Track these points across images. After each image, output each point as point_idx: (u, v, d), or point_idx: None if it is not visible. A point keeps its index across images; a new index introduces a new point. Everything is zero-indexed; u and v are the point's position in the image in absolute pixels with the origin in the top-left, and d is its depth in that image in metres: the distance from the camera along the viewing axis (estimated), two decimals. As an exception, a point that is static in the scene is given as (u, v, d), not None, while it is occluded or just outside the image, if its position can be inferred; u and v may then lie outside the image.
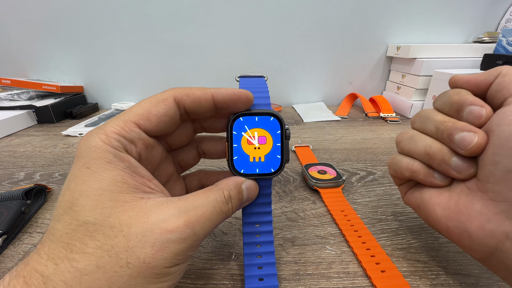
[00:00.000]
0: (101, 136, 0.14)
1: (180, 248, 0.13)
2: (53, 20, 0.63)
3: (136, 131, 0.15)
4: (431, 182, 0.18)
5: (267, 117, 0.17)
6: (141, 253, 0.12)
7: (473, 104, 0.16)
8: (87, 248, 0.12)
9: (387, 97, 0.66)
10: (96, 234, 0.12)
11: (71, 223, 0.12)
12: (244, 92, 0.17)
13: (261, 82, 0.19)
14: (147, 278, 0.12)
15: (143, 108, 0.15)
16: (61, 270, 0.12)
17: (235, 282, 0.20)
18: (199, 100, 0.16)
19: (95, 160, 0.13)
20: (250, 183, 0.17)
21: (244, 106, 0.17)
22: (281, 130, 0.17)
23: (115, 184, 0.13)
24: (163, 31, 0.65)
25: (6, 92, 0.61)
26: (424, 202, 0.18)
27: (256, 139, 0.17)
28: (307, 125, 0.56)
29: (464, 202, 0.16)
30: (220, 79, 0.71)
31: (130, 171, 0.14)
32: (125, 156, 0.14)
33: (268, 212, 0.19)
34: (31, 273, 0.12)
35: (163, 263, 0.13)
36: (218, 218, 0.15)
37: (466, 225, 0.15)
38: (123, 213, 0.13)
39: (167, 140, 0.19)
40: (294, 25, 0.65)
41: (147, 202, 0.14)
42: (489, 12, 0.65)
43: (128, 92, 0.72)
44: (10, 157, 0.42)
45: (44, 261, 0.12)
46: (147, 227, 0.13)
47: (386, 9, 0.64)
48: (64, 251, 0.12)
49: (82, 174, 0.13)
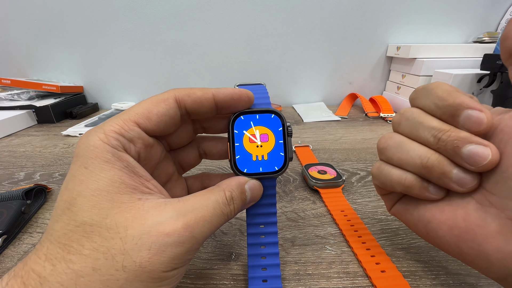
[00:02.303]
0: (100, 135, 0.14)
1: (178, 252, 0.13)
2: (53, 20, 0.63)
3: (136, 130, 0.15)
4: (425, 196, 0.16)
5: (268, 114, 0.17)
6: (137, 256, 0.12)
7: (470, 107, 0.14)
8: (84, 249, 0.12)
9: (387, 97, 0.66)
10: (93, 235, 0.12)
11: (69, 224, 0.12)
12: (245, 92, 0.17)
13: (261, 87, 0.19)
14: (144, 282, 0.12)
15: (144, 107, 0.15)
16: (58, 271, 0.12)
17: (235, 282, 0.20)
18: (200, 100, 0.16)
19: (93, 160, 0.13)
20: (253, 183, 0.17)
21: (245, 106, 0.17)
22: (282, 127, 0.17)
23: (112, 185, 0.13)
24: (163, 31, 0.65)
25: (6, 92, 0.61)
26: (426, 221, 0.16)
27: (258, 137, 0.17)
28: (307, 125, 0.56)
29: (475, 220, 0.14)
30: (220, 79, 0.71)
31: (128, 170, 0.14)
32: (124, 155, 0.14)
33: (273, 213, 0.18)
34: (28, 274, 0.12)
35: (160, 267, 0.12)
36: (218, 220, 0.15)
37: (482, 247, 0.13)
38: (120, 215, 0.13)
39: (167, 140, 0.18)
40: (294, 25, 0.65)
41: (145, 204, 0.13)
42: (489, 12, 0.65)
43: (128, 92, 0.72)
44: (10, 157, 0.42)
45: (42, 262, 0.12)
46: (144, 229, 0.12)
47: (386, 9, 0.64)
48: (61, 252, 0.12)
49: (80, 174, 0.13)
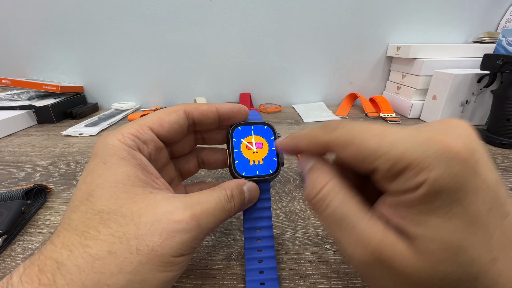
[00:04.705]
0: (118, 136, 0.16)
1: (185, 238, 0.14)
2: (53, 20, 0.63)
3: (150, 133, 0.17)
4: None
5: (261, 126, 0.20)
6: (150, 240, 0.13)
7: None
8: (100, 235, 0.13)
9: (387, 97, 0.66)
10: (109, 222, 0.13)
11: (87, 212, 0.13)
12: (243, 106, 0.20)
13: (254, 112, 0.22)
14: (155, 265, 0.13)
15: (157, 115, 0.18)
16: (74, 256, 0.12)
17: (235, 282, 0.20)
18: (206, 112, 0.19)
19: (111, 157, 0.15)
20: (251, 185, 0.18)
21: (242, 118, 0.20)
22: (274, 136, 0.20)
23: (128, 178, 0.14)
24: (163, 31, 0.65)
25: (6, 92, 0.61)
26: None
27: (254, 145, 0.20)
28: (307, 125, 0.56)
29: None
30: (220, 79, 0.71)
31: (141, 168, 0.15)
32: (138, 154, 0.16)
33: (268, 216, 0.20)
34: (45, 261, 0.12)
35: (169, 251, 0.13)
36: (221, 215, 0.16)
37: None
38: (134, 204, 0.14)
39: (171, 148, 0.20)
40: (294, 25, 0.65)
41: (156, 196, 0.15)
42: (489, 12, 0.65)
43: (128, 92, 0.72)
44: (10, 157, 0.42)
45: (59, 249, 0.13)
46: (156, 217, 0.14)
47: (386, 9, 0.64)
48: (78, 238, 0.13)
49: (98, 169, 0.14)
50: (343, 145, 0.13)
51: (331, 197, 0.13)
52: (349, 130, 0.13)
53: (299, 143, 0.16)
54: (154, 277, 0.13)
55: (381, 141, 0.11)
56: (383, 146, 0.11)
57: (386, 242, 0.11)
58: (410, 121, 0.58)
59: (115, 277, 0.12)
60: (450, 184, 0.10)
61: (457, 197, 0.10)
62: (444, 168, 0.10)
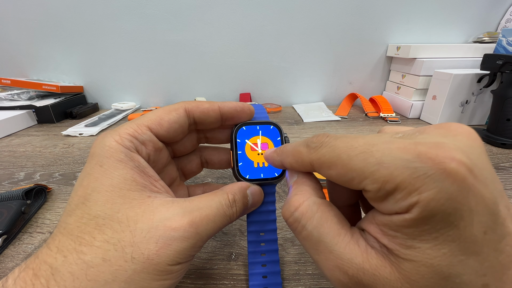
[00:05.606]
0: (115, 137, 0.15)
1: (183, 246, 0.13)
2: (53, 20, 0.63)
3: (148, 134, 0.16)
4: None
5: (267, 125, 0.19)
6: (145, 248, 0.13)
7: None
8: (95, 241, 0.12)
9: (387, 97, 0.66)
10: (104, 228, 0.13)
11: (83, 217, 0.13)
12: (247, 105, 0.19)
13: (259, 105, 0.21)
14: (150, 274, 0.13)
15: (156, 114, 0.17)
16: (69, 262, 0.12)
17: (235, 282, 0.20)
18: (207, 111, 0.18)
19: (108, 159, 0.14)
20: (255, 188, 0.18)
21: (247, 117, 0.19)
22: (280, 137, 0.19)
23: (125, 182, 0.14)
24: (163, 31, 0.65)
25: (6, 92, 0.61)
26: None
27: (259, 146, 0.19)
28: (307, 125, 0.56)
29: None
30: (220, 79, 0.71)
31: (139, 170, 0.15)
32: (136, 156, 0.15)
33: (273, 220, 0.19)
34: (40, 265, 0.12)
35: (165, 260, 0.13)
36: (221, 221, 0.15)
37: None
38: (130, 210, 0.13)
39: (172, 147, 0.20)
40: (294, 25, 0.65)
41: (154, 201, 0.14)
42: (489, 12, 0.65)
43: (128, 92, 0.72)
44: (10, 157, 0.42)
45: (54, 254, 0.12)
46: (152, 224, 0.13)
47: (386, 9, 0.64)
48: (73, 244, 0.12)
49: (95, 172, 0.14)
50: (327, 165, 0.12)
51: (307, 218, 0.13)
52: (332, 148, 0.12)
53: (284, 160, 0.15)
54: (150, 285, 0.13)
55: (366, 159, 0.10)
56: (369, 166, 0.10)
57: (368, 266, 0.11)
58: (410, 121, 0.58)
59: (109, 285, 0.12)
60: (444, 207, 0.09)
61: (451, 221, 0.09)
62: (437, 189, 0.09)
